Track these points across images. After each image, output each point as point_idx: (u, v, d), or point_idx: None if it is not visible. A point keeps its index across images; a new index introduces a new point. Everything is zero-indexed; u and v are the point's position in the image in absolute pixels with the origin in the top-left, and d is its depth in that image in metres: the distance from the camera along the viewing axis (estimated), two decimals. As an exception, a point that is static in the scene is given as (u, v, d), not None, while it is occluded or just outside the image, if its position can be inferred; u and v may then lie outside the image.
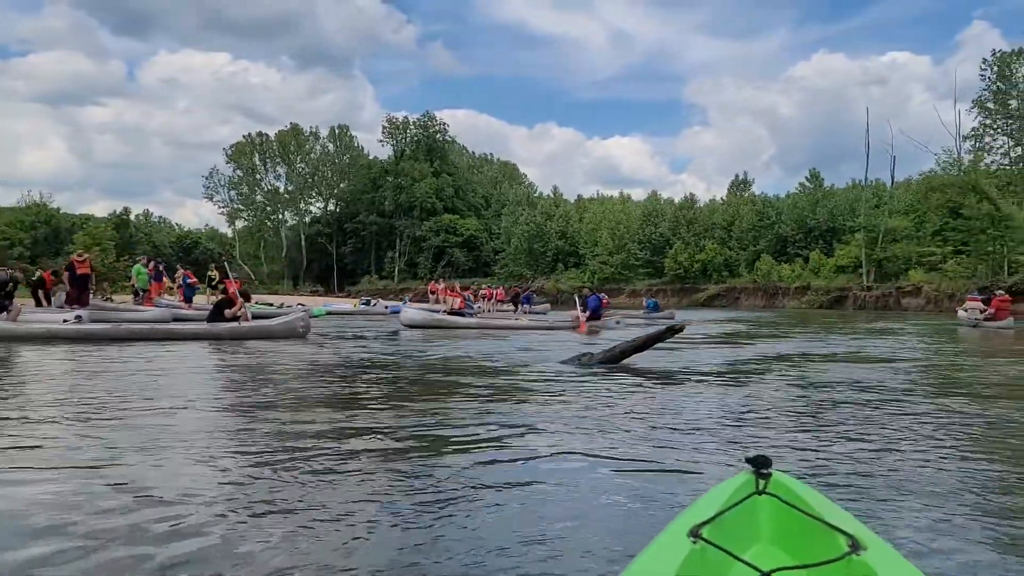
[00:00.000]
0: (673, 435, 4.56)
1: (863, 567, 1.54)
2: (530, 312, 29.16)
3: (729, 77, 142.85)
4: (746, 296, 54.31)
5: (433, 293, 31.84)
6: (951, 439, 4.52)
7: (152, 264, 22.73)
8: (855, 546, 1.59)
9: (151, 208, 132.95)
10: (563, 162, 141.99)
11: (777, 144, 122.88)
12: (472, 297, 30.82)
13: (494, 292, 38.74)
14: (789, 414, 5.41)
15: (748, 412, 5.50)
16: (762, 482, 1.94)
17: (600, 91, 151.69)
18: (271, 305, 24.10)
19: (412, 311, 18.92)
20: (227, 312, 13.46)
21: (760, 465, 1.96)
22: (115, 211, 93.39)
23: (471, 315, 21.60)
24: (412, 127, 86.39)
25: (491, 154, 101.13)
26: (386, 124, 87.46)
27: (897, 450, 4.19)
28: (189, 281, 22.43)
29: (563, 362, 8.64)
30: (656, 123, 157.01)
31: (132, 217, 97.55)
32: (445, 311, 22.04)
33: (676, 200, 69.37)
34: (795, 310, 44.96)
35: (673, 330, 8.57)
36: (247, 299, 14.28)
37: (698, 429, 4.77)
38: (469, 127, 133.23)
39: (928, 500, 3.17)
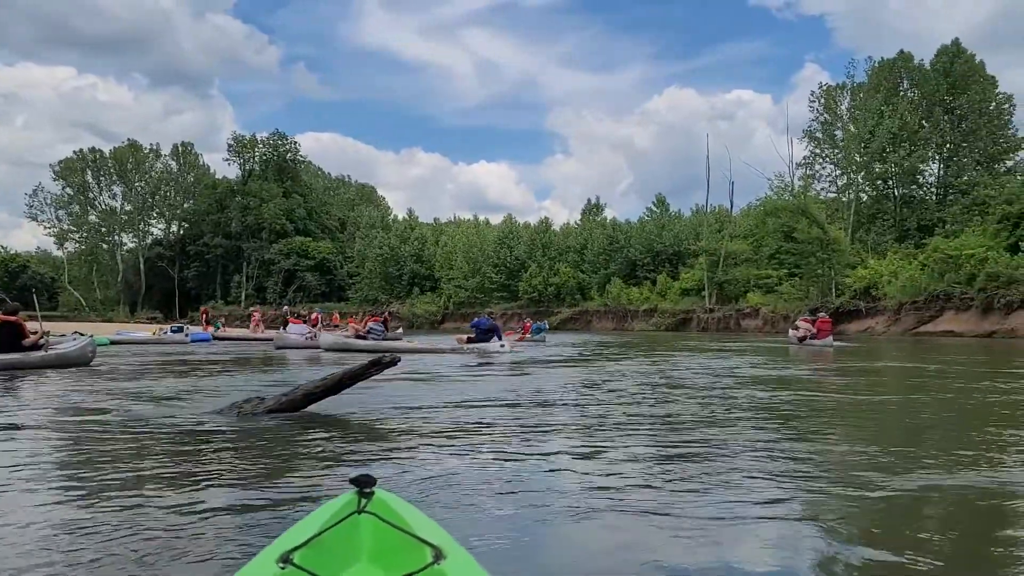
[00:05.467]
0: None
1: (442, 575, 1.66)
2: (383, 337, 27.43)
3: (589, 108, 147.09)
4: (598, 319, 54.50)
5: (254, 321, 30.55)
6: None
7: None
8: (438, 556, 1.71)
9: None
10: (431, 187, 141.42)
11: (635, 173, 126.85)
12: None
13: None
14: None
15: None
16: (364, 501, 1.94)
17: (466, 118, 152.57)
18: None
19: (329, 336, 20.43)
20: (24, 342, 12.63)
21: (363, 484, 1.96)
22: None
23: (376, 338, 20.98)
24: (261, 146, 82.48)
25: (348, 176, 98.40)
26: (232, 142, 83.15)
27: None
28: None
29: (218, 412, 6.49)
30: (521, 151, 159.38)
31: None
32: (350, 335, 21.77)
33: (532, 223, 69.42)
34: (643, 332, 45.36)
35: (380, 364, 6.62)
36: None
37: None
38: (335, 151, 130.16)
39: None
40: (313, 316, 28.02)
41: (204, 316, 36.73)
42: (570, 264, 59.61)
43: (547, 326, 32.34)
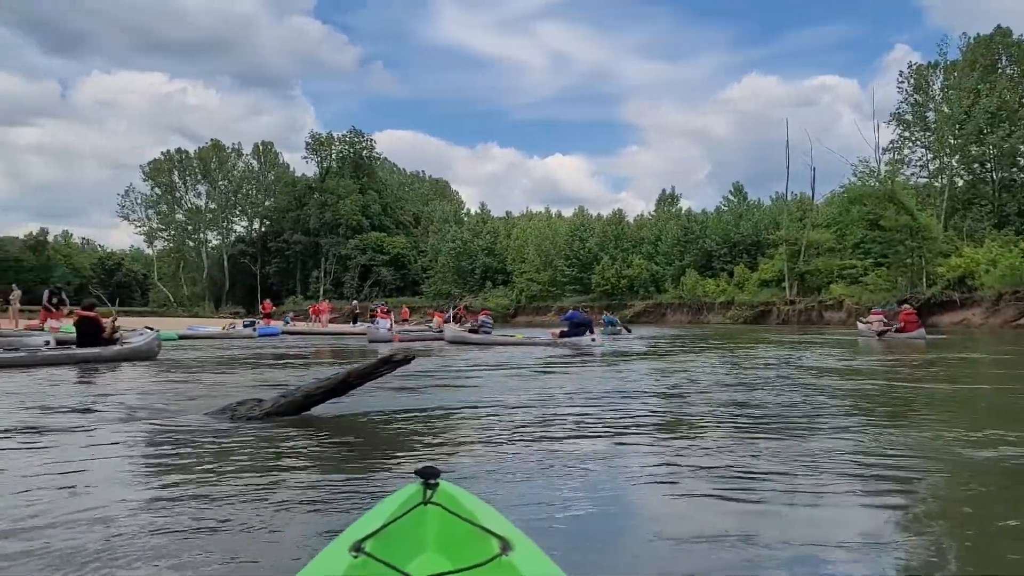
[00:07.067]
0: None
1: (509, 567, 1.65)
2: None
3: (664, 98, 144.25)
4: (672, 312, 53.21)
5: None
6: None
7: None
8: (505, 547, 1.71)
9: (85, 230, 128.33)
10: (504, 182, 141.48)
11: (712, 163, 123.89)
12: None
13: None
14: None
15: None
16: (429, 492, 1.95)
17: (540, 111, 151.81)
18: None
19: (451, 330, 21.32)
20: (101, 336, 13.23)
21: (427, 476, 1.97)
22: (31, 232, 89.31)
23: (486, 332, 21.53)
24: (337, 143, 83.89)
25: (423, 171, 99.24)
26: (310, 140, 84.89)
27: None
28: None
29: (209, 414, 6.00)
30: (596, 143, 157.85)
31: (51, 239, 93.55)
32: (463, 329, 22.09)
33: (605, 215, 68.37)
34: (720, 325, 44.04)
35: (391, 362, 6.03)
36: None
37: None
38: (411, 148, 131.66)
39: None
40: (379, 309, 28.06)
41: (265, 311, 36.08)
42: (644, 256, 58.36)
43: (618, 320, 31.38)
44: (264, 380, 9.70)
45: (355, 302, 43.93)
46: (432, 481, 1.97)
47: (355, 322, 34.81)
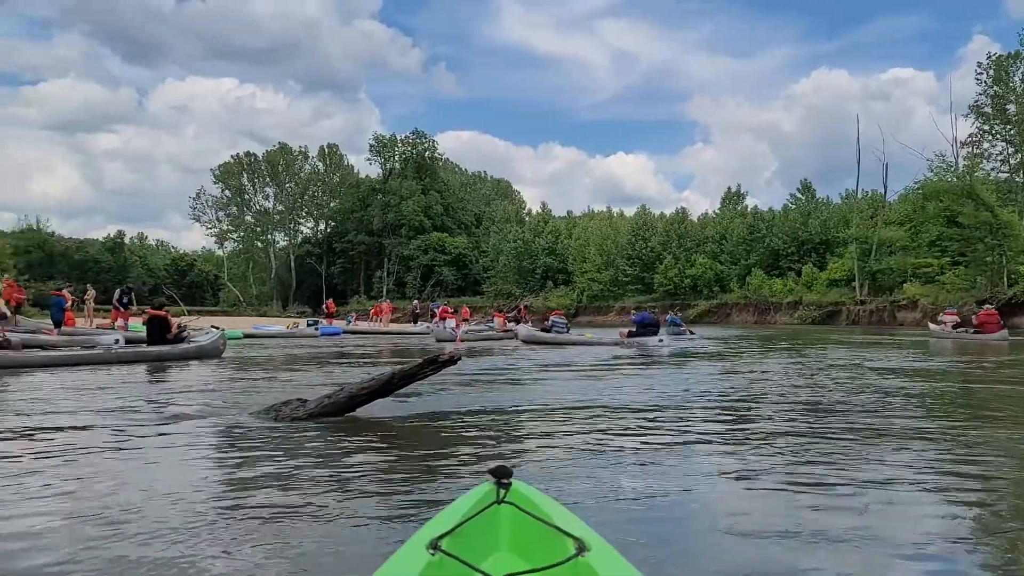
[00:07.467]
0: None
1: (587, 568, 1.65)
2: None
3: (730, 94, 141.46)
4: (737, 312, 52.16)
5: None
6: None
7: (118, 292, 21.64)
8: (581, 548, 1.70)
9: (162, 233, 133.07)
10: (566, 181, 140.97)
11: (779, 160, 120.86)
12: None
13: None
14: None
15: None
16: (502, 492, 1.96)
17: (603, 110, 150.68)
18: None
19: (524, 329, 22.23)
20: (167, 335, 13.68)
21: (500, 476, 1.98)
22: (110, 235, 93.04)
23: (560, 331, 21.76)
24: (400, 145, 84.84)
25: (485, 172, 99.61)
26: (373, 142, 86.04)
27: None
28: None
29: (253, 414, 6.03)
30: (659, 141, 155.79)
31: (127, 241, 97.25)
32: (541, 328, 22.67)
33: (668, 214, 67.37)
34: (787, 326, 42.98)
35: (436, 363, 5.98)
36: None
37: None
38: (474, 148, 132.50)
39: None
40: (441, 310, 28.35)
41: (329, 310, 36.63)
42: (708, 255, 57.32)
43: (681, 320, 30.82)
44: (325, 378, 9.88)
45: (416, 302, 44.32)
46: (505, 481, 1.99)
47: (416, 321, 35.15)
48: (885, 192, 51.13)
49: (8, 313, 17.80)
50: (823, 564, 2.55)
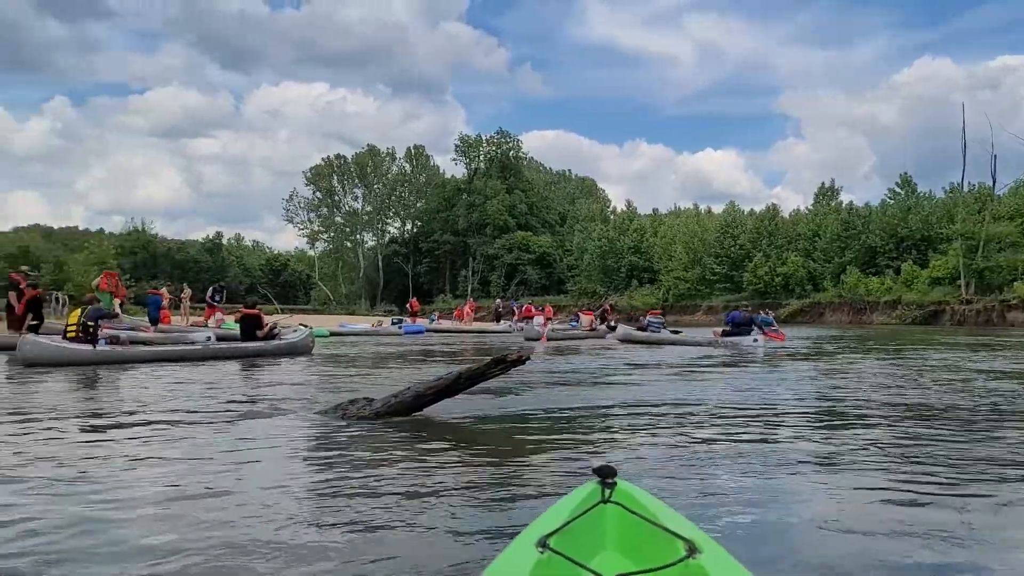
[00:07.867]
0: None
1: (699, 570, 1.62)
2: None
3: (824, 87, 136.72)
4: (831, 311, 50.28)
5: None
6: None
7: (211, 290, 22.68)
8: (692, 550, 1.68)
9: (257, 234, 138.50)
10: (652, 179, 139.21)
11: (877, 153, 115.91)
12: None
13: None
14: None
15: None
16: (607, 491, 1.97)
17: (690, 106, 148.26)
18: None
19: (623, 328, 22.52)
20: (258, 332, 14.16)
21: (605, 475, 1.99)
22: (208, 236, 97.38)
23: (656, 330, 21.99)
24: (485, 145, 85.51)
25: (569, 170, 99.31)
26: (459, 143, 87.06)
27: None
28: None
29: (321, 413, 6.05)
30: (749, 136, 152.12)
31: (224, 242, 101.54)
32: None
33: (757, 211, 65.55)
34: (885, 326, 41.15)
35: (505, 363, 5.82)
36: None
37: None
38: (560, 147, 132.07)
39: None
40: (524, 308, 28.43)
41: (413, 309, 36.89)
42: (800, 253, 55.46)
43: (773, 320, 29.90)
44: (412, 375, 9.97)
45: (499, 300, 44.54)
46: (610, 480, 2.00)
47: (499, 320, 35.32)
48: (994, 185, 48.38)
49: (119, 312, 18.73)
50: (930, 559, 2.49)
